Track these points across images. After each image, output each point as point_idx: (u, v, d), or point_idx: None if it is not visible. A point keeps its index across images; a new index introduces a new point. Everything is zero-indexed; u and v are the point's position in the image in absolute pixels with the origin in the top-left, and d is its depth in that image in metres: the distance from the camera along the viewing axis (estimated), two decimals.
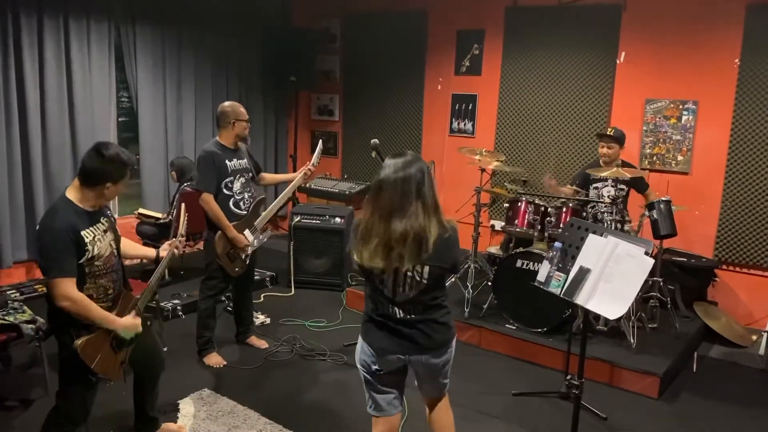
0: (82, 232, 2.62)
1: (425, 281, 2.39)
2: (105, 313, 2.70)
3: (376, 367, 2.54)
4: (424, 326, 2.47)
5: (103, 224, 2.77)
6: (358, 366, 2.62)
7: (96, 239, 2.68)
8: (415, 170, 2.36)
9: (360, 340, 2.60)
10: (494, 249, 5.86)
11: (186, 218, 3.16)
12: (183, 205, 3.21)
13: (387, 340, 2.49)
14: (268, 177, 4.62)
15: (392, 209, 2.32)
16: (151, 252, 3.15)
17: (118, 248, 2.88)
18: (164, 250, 3.09)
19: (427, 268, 2.37)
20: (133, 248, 3.16)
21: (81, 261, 2.62)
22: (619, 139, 4.81)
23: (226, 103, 4.17)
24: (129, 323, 2.79)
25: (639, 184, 4.93)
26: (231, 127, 4.09)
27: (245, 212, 4.19)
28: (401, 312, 2.45)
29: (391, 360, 2.52)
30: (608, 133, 4.84)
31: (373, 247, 2.33)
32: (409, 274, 2.37)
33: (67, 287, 2.58)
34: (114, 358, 2.79)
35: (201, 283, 4.26)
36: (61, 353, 2.74)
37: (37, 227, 2.65)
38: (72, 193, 2.69)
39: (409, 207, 2.31)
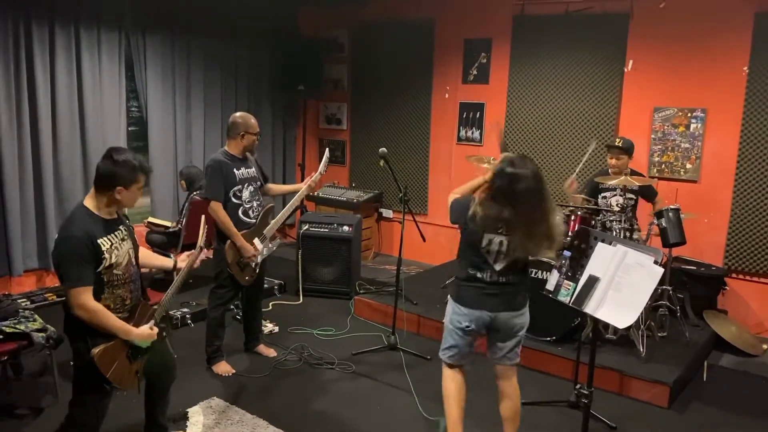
0: (99, 240, 2.63)
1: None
2: (121, 323, 2.70)
3: (466, 323, 3.04)
4: (508, 292, 3.03)
5: (121, 232, 2.78)
6: (448, 324, 3.14)
7: (113, 247, 2.69)
8: None
9: (452, 302, 3.12)
10: None
11: (206, 230, 3.15)
12: (203, 217, 3.20)
13: (479, 300, 3.02)
14: (275, 188, 4.61)
15: None
16: (168, 262, 3.14)
17: (136, 257, 2.89)
18: (182, 261, 3.07)
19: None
20: (150, 258, 3.14)
21: (99, 269, 2.63)
22: (627, 149, 4.78)
23: (238, 114, 4.19)
24: (146, 333, 2.78)
25: (648, 193, 4.92)
26: (240, 139, 4.12)
27: (254, 221, 4.20)
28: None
29: (481, 316, 3.03)
30: (617, 144, 4.81)
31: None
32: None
33: (83, 296, 2.58)
34: (129, 368, 2.79)
35: (210, 292, 4.27)
36: (76, 361, 2.74)
37: (56, 236, 2.66)
38: (89, 201, 2.71)
39: None
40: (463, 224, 3.01)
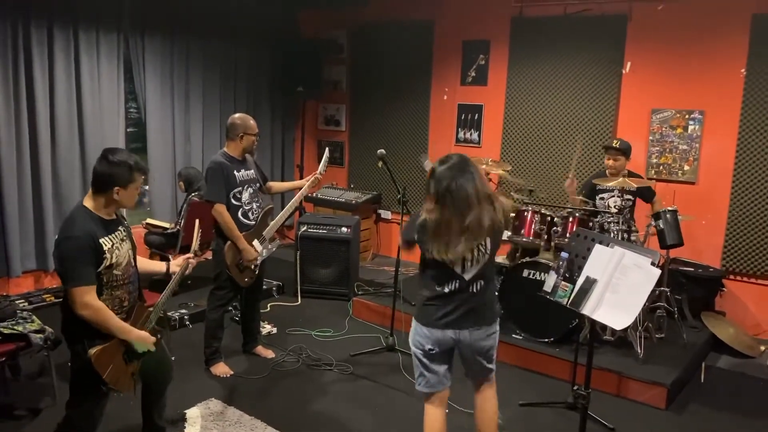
0: (101, 240, 2.64)
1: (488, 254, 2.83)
2: (121, 323, 2.72)
3: (429, 346, 2.86)
4: (479, 304, 2.86)
5: (120, 232, 2.79)
6: (412, 347, 2.95)
7: (114, 247, 2.70)
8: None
9: (415, 323, 2.93)
10: (501, 259, 5.84)
11: (200, 234, 3.16)
12: (198, 221, 3.21)
13: (444, 318, 2.83)
14: (276, 185, 4.65)
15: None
16: (161, 267, 3.14)
17: (134, 258, 2.90)
18: (177, 265, 3.06)
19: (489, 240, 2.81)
20: (143, 264, 3.09)
21: (99, 269, 2.64)
22: (625, 151, 4.81)
23: (237, 116, 4.20)
24: (144, 336, 2.80)
25: (646, 194, 4.93)
26: (239, 140, 4.12)
27: (254, 222, 4.21)
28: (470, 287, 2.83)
29: (444, 338, 2.84)
30: (614, 145, 4.83)
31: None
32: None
33: (88, 295, 2.59)
34: (125, 369, 2.80)
35: (210, 294, 4.28)
36: (74, 363, 2.75)
37: (57, 236, 2.67)
38: (88, 202, 2.72)
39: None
40: (414, 239, 2.86)
